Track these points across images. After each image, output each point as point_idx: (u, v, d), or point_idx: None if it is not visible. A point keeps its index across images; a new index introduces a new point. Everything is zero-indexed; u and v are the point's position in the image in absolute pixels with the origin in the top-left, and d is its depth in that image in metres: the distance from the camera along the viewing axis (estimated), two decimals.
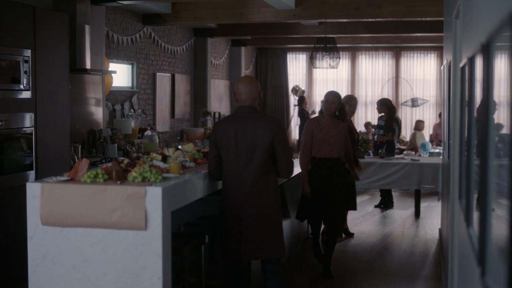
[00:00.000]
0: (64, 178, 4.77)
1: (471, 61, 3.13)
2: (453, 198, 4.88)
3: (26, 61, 6.93)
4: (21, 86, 6.86)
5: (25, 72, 6.91)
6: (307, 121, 7.43)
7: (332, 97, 7.45)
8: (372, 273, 7.60)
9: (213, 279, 6.07)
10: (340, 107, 7.50)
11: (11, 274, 6.68)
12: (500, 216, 2.15)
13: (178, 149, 6.13)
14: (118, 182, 4.60)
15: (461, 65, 3.91)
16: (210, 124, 14.92)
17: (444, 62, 7.27)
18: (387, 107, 11.76)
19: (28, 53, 6.95)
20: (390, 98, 18.28)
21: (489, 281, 2.28)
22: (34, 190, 4.68)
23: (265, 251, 5.26)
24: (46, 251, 4.67)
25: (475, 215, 2.92)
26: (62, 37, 7.61)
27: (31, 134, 7.01)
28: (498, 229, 2.17)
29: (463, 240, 3.69)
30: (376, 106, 12.04)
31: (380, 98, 13.91)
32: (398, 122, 11.79)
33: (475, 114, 3.05)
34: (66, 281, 4.66)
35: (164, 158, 5.53)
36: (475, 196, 3.08)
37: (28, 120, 6.97)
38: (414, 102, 17.56)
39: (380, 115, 12.04)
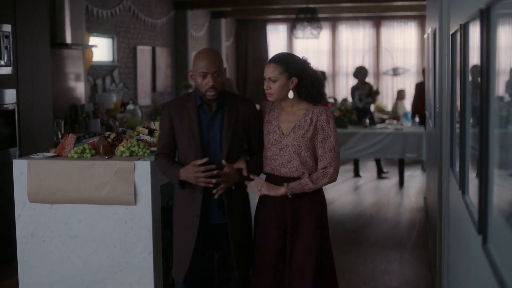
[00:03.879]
0: (51, 154, 4.72)
1: (465, 28, 3.10)
2: (442, 166, 4.88)
3: (7, 37, 6.81)
4: (2, 62, 6.76)
5: (6, 48, 6.80)
6: (261, 103, 4.51)
7: (270, 68, 4.19)
8: (359, 243, 7.62)
9: None
10: (305, 83, 4.17)
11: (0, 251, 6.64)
12: (502, 183, 2.14)
13: None
14: (106, 157, 4.56)
15: (451, 32, 3.88)
16: None
17: (429, 30, 7.24)
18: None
19: (8, 28, 6.83)
20: (371, 68, 18.33)
21: (492, 249, 2.27)
22: (20, 167, 4.62)
23: None
24: (35, 229, 4.63)
25: (472, 183, 2.91)
26: (42, 11, 7.49)
27: (13, 110, 6.91)
28: (500, 196, 2.16)
29: (456, 208, 3.69)
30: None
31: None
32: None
33: (471, 82, 3.02)
34: (56, 258, 4.62)
35: (151, 132, 5.48)
36: (469, 163, 3.07)
37: (10, 96, 6.87)
38: (395, 71, 17.54)
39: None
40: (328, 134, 4.14)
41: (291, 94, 4.16)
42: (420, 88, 12.34)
